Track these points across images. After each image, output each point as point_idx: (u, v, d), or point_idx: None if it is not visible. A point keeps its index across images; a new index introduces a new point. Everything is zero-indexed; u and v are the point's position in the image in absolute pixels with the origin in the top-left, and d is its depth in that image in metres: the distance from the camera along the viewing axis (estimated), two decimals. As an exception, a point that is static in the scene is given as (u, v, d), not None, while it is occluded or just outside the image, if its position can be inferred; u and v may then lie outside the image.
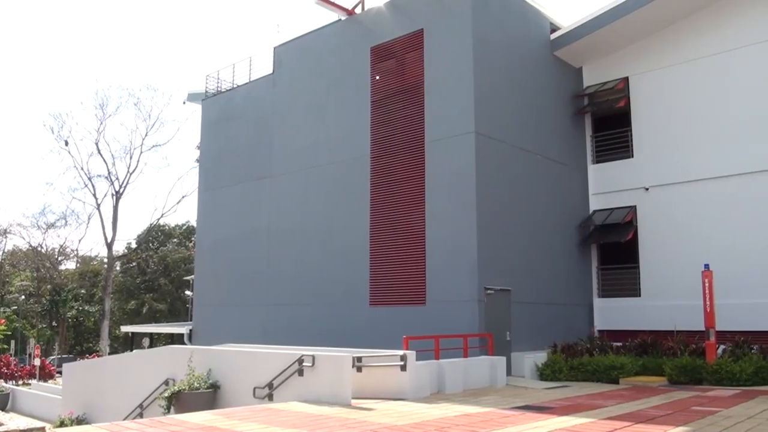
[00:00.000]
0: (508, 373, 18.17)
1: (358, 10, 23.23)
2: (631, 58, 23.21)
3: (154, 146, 53.95)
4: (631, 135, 22.97)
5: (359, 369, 14.05)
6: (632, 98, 23.04)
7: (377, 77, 21.91)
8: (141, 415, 16.61)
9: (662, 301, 21.23)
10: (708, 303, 17.38)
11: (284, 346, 17.66)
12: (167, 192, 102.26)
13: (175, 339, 35.21)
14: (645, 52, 22.94)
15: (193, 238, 54.42)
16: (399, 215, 20.51)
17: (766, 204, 19.88)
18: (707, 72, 21.58)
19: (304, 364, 13.29)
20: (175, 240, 66.39)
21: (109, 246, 51.57)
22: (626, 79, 23.18)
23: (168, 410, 14.19)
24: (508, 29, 21.17)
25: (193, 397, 14.19)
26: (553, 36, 23.05)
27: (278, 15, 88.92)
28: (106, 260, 55.85)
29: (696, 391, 15.56)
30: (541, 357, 19.14)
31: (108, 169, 51.82)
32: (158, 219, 57.44)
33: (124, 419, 15.90)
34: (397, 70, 21.57)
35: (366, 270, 21.06)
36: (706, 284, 17.47)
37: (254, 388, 13.75)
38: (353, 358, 13.61)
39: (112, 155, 53.70)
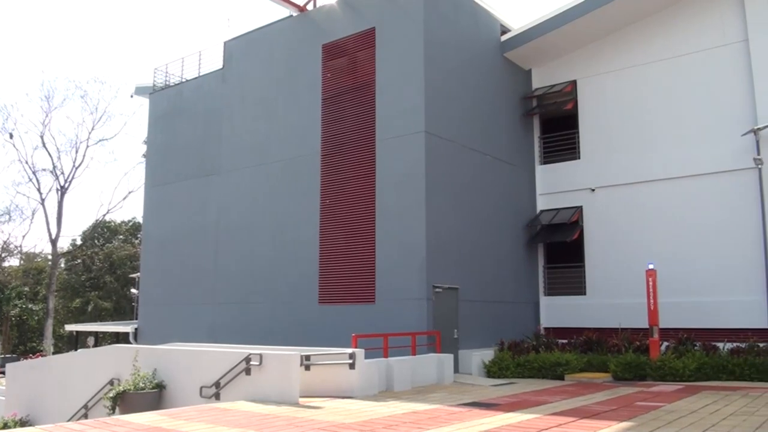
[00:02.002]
0: (456, 370, 18.34)
1: (309, 7, 23.12)
2: (579, 62, 23.60)
3: (100, 140, 53.06)
4: (578, 137, 23.36)
5: (307, 368, 14.00)
6: (580, 101, 23.44)
7: (328, 75, 21.85)
8: (86, 416, 16.27)
9: (607, 300, 21.65)
10: (652, 301, 17.84)
11: (232, 345, 17.51)
12: (113, 187, 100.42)
13: (120, 338, 34.64)
14: (593, 56, 23.35)
15: (139, 235, 53.52)
16: (349, 213, 20.49)
17: (708, 205, 20.46)
18: (653, 77, 22.07)
19: (251, 363, 13.18)
20: (121, 237, 65.17)
21: (54, 242, 50.48)
22: (574, 83, 23.57)
23: (113, 411, 13.91)
24: (459, 30, 21.31)
25: (138, 397, 13.95)
26: (504, 38, 23.29)
27: (229, 9, 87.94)
28: (50, 257, 54.58)
29: (640, 386, 15.91)
30: (488, 354, 19.35)
31: (53, 163, 50.79)
32: (104, 215, 56.45)
33: (69, 420, 15.58)
34: (348, 67, 21.53)
35: (315, 268, 21.00)
36: (650, 283, 17.93)
37: (201, 388, 13.58)
38: (301, 356, 13.56)
39: (58, 149, 52.56)
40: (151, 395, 14.13)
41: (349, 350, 14.17)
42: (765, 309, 19.05)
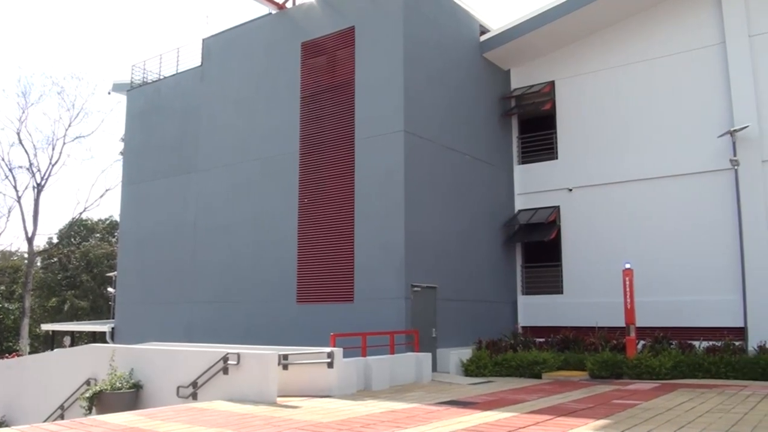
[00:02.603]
0: (434, 369, 18.36)
1: (288, 5, 23.05)
2: (557, 63, 23.74)
3: (77, 137, 52.25)
4: (556, 137, 23.51)
5: (285, 367, 13.98)
6: (558, 102, 23.58)
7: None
8: (62, 417, 16.14)
9: (584, 299, 21.80)
10: (628, 300, 17.98)
11: (209, 344, 17.44)
12: (90, 185, 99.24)
13: (97, 337, 34.35)
14: (571, 57, 23.50)
15: (116, 234, 53.06)
16: (328, 212, 20.47)
17: (685, 206, 20.70)
18: (630, 78, 22.28)
19: (229, 362, 13.14)
20: (97, 235, 64.53)
21: (30, 241, 49.81)
22: (552, 83, 23.70)
23: (89, 411, 13.82)
24: (438, 30, 21.35)
25: (115, 397, 13.86)
26: (483, 38, 23.37)
27: (207, 6, 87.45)
28: (26, 255, 53.95)
29: (617, 384, 16.05)
30: (466, 353, 19.40)
31: (29, 161, 50.05)
32: (81, 213, 55.79)
33: (45, 421, 15.46)
34: (327, 66, 21.50)
35: (293, 267, 20.95)
36: (627, 282, 18.07)
37: (178, 388, 13.51)
38: (279, 356, 13.53)
39: (34, 146, 52.03)
40: (128, 395, 14.04)
41: (328, 349, 14.17)
42: (741, 308, 19.29)
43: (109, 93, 34.47)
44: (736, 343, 18.00)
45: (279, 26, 23.16)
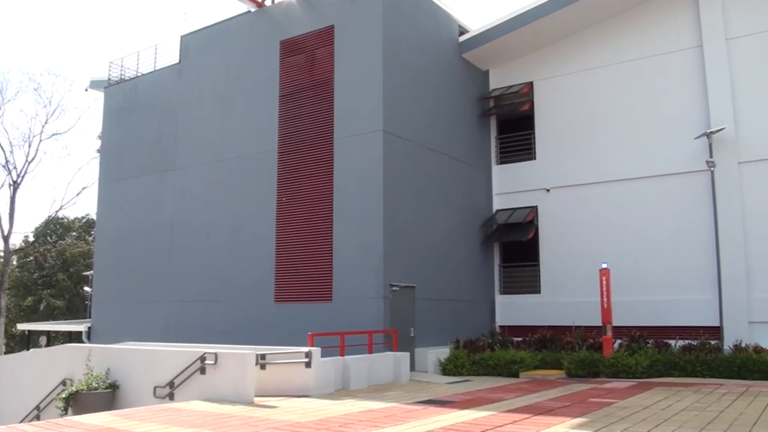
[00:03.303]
0: (412, 368, 18.41)
1: (268, 3, 22.97)
2: (536, 64, 23.86)
3: (54, 134, 51.80)
4: (534, 138, 23.62)
5: (263, 366, 13.94)
6: (536, 102, 23.70)
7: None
8: (38, 417, 16.01)
9: (561, 298, 21.95)
10: (605, 300, 18.15)
11: (186, 344, 17.35)
12: (67, 183, 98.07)
13: (73, 337, 34.04)
14: (550, 58, 23.63)
15: (93, 232, 52.58)
16: (306, 211, 20.42)
17: (662, 207, 20.90)
18: (609, 80, 22.44)
19: (206, 362, 13.10)
20: (74, 233, 63.95)
21: (6, 239, 49.24)
22: (531, 84, 23.81)
23: (65, 412, 13.73)
24: (418, 30, 21.38)
25: (92, 397, 13.77)
26: (462, 38, 23.42)
27: (186, 3, 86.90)
28: (2, 254, 53.36)
29: (593, 383, 16.19)
30: (444, 352, 19.46)
31: (5, 158, 49.45)
32: (57, 211, 55.23)
33: (21, 421, 15.34)
34: (306, 65, 21.44)
35: (271, 266, 20.88)
36: (604, 282, 18.25)
37: (155, 388, 13.45)
38: (257, 355, 13.51)
39: (10, 143, 51.19)
40: (105, 395, 13.96)
41: (306, 349, 14.16)
42: (716, 307, 19.50)
43: (86, 90, 34.05)
44: (712, 342, 18.23)
45: (258, 24, 23.08)
